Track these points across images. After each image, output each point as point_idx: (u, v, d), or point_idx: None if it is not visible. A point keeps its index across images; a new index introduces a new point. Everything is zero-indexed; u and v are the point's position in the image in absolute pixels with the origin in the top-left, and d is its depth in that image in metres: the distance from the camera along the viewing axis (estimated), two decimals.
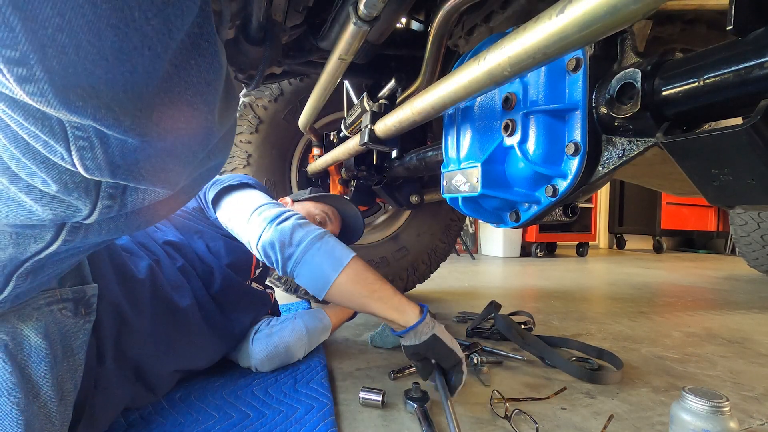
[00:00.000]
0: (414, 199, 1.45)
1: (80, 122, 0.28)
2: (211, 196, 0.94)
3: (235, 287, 0.94)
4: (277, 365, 0.96)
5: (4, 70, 0.24)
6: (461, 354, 0.79)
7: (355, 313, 1.16)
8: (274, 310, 1.13)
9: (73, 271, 0.56)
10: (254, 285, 1.05)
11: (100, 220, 0.36)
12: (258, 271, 1.06)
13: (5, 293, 0.43)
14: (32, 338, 0.49)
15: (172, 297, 0.77)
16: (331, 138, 1.57)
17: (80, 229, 0.38)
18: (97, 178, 0.32)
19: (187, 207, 0.98)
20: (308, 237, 0.78)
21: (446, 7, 0.80)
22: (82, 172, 0.30)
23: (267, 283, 1.15)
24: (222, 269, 0.91)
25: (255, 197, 0.89)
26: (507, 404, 0.75)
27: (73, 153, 0.29)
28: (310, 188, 1.31)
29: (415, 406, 0.78)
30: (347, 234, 1.28)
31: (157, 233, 0.89)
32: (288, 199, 1.21)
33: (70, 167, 0.30)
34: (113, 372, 0.64)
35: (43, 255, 0.40)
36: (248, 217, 0.83)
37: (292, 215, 0.82)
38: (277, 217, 0.81)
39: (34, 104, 0.26)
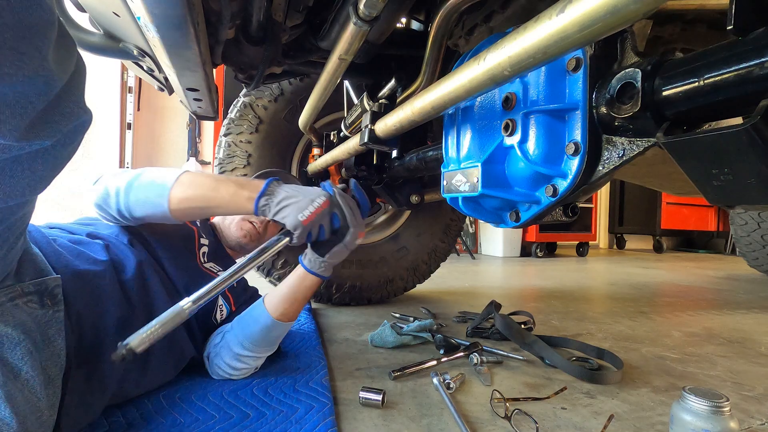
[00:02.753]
0: (414, 199, 1.45)
1: None
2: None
3: (184, 262, 0.92)
4: (245, 376, 0.91)
5: None
6: (299, 229, 0.76)
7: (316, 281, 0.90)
8: (237, 298, 1.05)
9: (27, 266, 0.57)
10: (209, 266, 0.99)
11: None
12: (203, 250, 1.01)
13: None
14: (1, 329, 0.51)
15: (137, 271, 0.78)
16: (331, 138, 1.57)
17: None
18: None
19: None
20: (125, 179, 0.80)
21: (446, 7, 0.80)
22: None
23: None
24: (164, 248, 0.90)
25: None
26: (507, 404, 0.75)
27: None
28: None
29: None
30: None
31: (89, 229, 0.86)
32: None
33: None
34: (97, 351, 0.66)
35: None
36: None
37: (109, 173, 0.84)
38: (99, 179, 0.83)
39: None
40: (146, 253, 0.85)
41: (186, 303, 0.65)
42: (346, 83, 1.57)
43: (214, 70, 1.13)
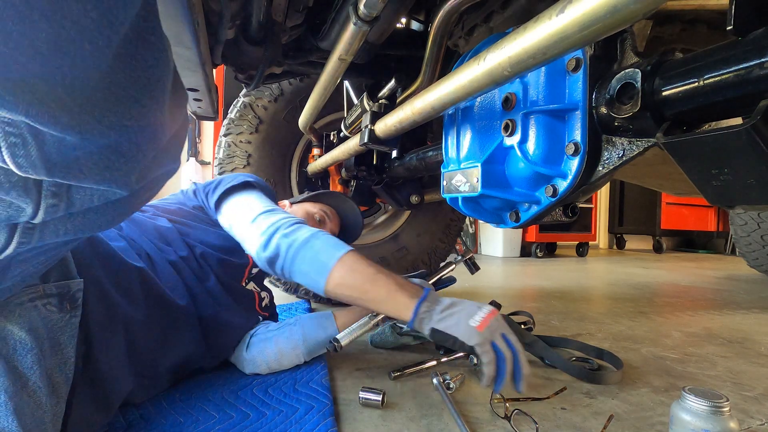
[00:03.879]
0: (414, 199, 1.45)
1: (11, 118, 0.26)
2: (214, 198, 0.93)
3: (228, 286, 0.93)
4: (271, 371, 0.94)
5: None
6: (476, 337, 0.66)
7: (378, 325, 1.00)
8: (272, 313, 1.12)
9: (57, 266, 0.56)
10: (251, 285, 1.05)
11: (49, 220, 0.35)
12: (255, 271, 1.05)
13: None
14: (16, 333, 0.50)
15: (166, 293, 0.77)
16: (331, 138, 1.57)
17: (34, 230, 0.37)
18: (32, 176, 0.30)
19: (186, 205, 0.97)
20: (293, 246, 0.79)
21: (446, 7, 0.80)
22: (15, 170, 0.29)
23: (266, 284, 1.14)
24: (215, 267, 0.91)
25: (253, 203, 0.89)
26: (507, 404, 0.75)
27: (3, 150, 0.28)
28: (306, 190, 1.31)
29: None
30: (347, 231, 1.28)
31: (148, 226, 0.87)
32: (286, 202, 1.20)
33: (1, 164, 0.29)
34: (106, 365, 0.64)
35: (1, 257, 0.39)
36: (246, 229, 0.85)
37: (280, 225, 0.82)
38: (268, 229, 0.82)
39: None
40: (190, 269, 0.86)
41: (375, 318, 0.86)
42: (346, 83, 1.57)
43: (214, 70, 1.13)
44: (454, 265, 1.06)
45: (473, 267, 1.08)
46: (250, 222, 0.85)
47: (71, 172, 0.30)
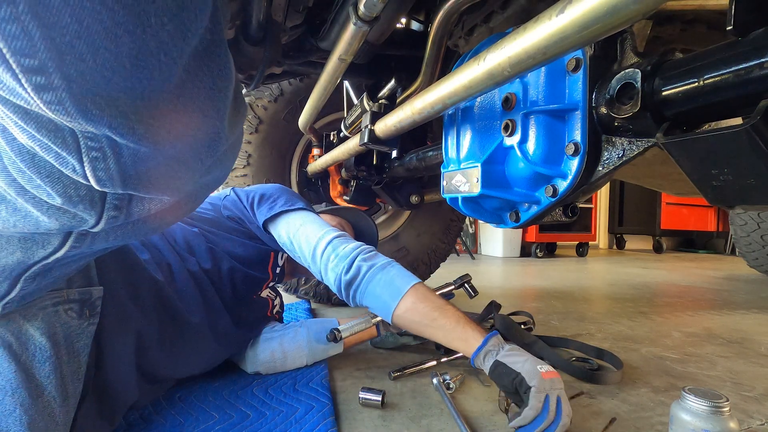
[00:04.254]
0: (414, 199, 1.45)
1: (95, 132, 0.27)
2: (263, 216, 0.94)
3: (244, 298, 0.94)
4: (274, 371, 0.94)
5: (23, 80, 0.24)
6: (538, 381, 0.64)
7: (379, 332, 1.02)
8: (279, 315, 1.13)
9: (80, 272, 0.56)
10: (266, 292, 1.06)
11: (106, 229, 0.36)
12: (272, 283, 1.07)
13: (12, 294, 0.43)
14: (36, 338, 0.49)
15: (180, 309, 0.77)
16: (331, 138, 1.57)
17: (87, 237, 0.38)
18: (109, 190, 0.31)
19: (222, 215, 0.98)
20: (372, 269, 0.81)
21: (446, 7, 0.80)
22: (94, 184, 0.30)
23: (278, 289, 1.15)
24: (239, 282, 0.92)
25: (314, 226, 0.90)
26: (507, 399, 0.75)
27: (85, 164, 0.29)
28: (324, 204, 1.32)
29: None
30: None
31: (177, 233, 0.88)
32: None
33: (81, 179, 0.30)
34: (114, 376, 0.64)
35: (50, 260, 0.40)
36: (315, 251, 0.87)
37: (361, 251, 0.84)
38: (351, 253, 0.83)
39: (50, 114, 0.25)
40: (209, 287, 0.86)
41: (376, 319, 0.91)
42: (346, 83, 1.57)
43: None
44: (453, 286, 1.07)
45: (472, 291, 1.08)
46: (325, 244, 0.86)
47: (142, 183, 0.31)
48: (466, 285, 1.08)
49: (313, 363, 0.98)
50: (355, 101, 1.27)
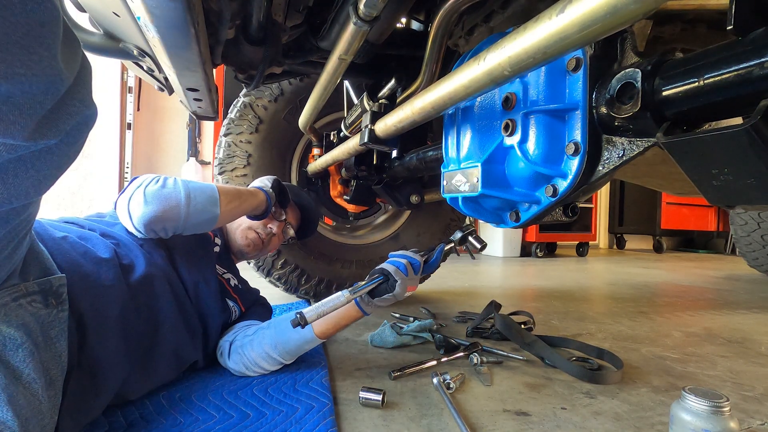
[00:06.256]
0: (414, 199, 1.45)
1: None
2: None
3: (197, 268, 0.93)
4: (262, 374, 0.93)
5: None
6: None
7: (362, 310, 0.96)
8: (247, 293, 1.10)
9: (34, 265, 0.57)
10: (219, 269, 1.03)
11: None
12: (215, 250, 1.05)
13: None
14: (4, 330, 0.51)
15: (145, 272, 0.78)
16: (331, 138, 1.57)
17: None
18: None
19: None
20: (185, 190, 0.84)
21: (446, 7, 0.80)
22: None
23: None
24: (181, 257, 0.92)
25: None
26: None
27: None
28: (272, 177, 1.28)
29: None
30: (305, 222, 1.33)
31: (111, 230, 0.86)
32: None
33: None
34: (101, 351, 0.65)
35: None
36: (122, 202, 0.83)
37: (141, 184, 0.82)
38: (139, 187, 0.81)
39: None
40: (159, 253, 0.86)
41: (346, 292, 0.83)
42: (346, 83, 1.57)
43: (214, 70, 1.13)
44: (452, 243, 0.98)
45: (477, 243, 0.97)
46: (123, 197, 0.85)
47: None
48: (469, 238, 0.98)
49: (311, 359, 0.98)
50: (355, 101, 1.27)
